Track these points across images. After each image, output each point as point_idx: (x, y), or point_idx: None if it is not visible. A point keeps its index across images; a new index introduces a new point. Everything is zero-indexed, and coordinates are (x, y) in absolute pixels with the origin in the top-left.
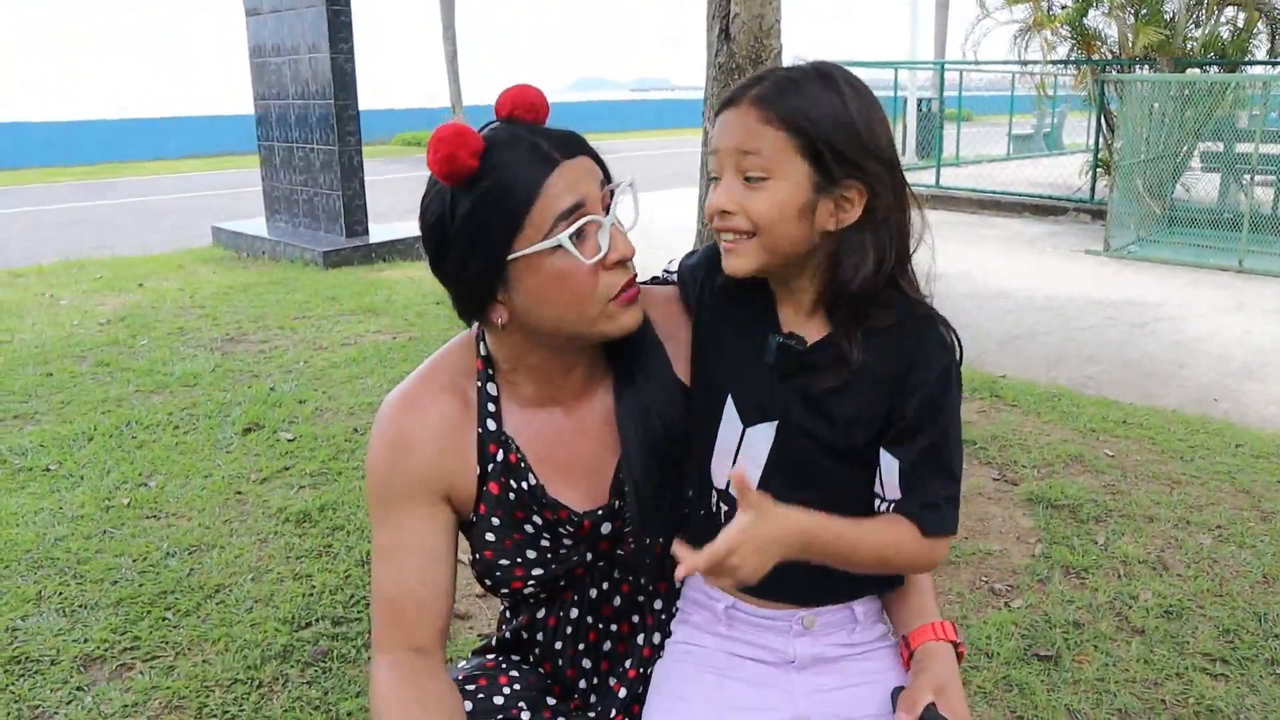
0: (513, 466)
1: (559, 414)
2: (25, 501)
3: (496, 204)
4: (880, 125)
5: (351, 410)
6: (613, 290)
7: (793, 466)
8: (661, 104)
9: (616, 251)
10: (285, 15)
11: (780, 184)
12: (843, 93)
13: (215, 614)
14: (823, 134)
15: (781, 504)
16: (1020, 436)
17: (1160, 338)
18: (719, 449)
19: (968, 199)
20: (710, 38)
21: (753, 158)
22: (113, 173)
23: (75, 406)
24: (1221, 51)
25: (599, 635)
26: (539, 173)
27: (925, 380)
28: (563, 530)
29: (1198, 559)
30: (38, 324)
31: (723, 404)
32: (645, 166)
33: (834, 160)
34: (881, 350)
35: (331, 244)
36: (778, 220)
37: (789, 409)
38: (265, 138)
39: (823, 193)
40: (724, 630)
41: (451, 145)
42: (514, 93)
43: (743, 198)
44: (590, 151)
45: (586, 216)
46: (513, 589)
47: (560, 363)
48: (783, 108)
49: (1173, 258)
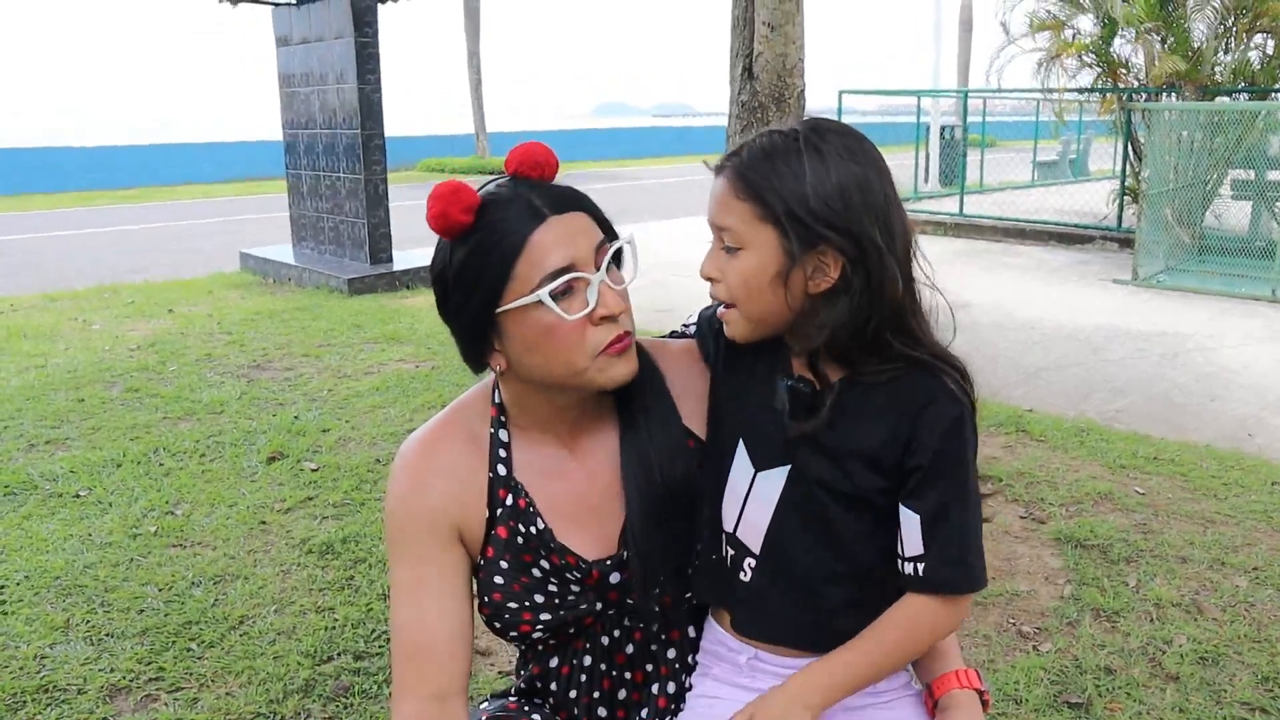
0: (522, 511)
1: (569, 462)
2: (56, 528)
3: (485, 257)
4: (856, 193)
5: (374, 440)
6: (600, 345)
7: (803, 512)
8: (684, 130)
9: (604, 308)
10: (314, 46)
11: (751, 254)
12: (818, 161)
13: (239, 646)
14: (786, 206)
15: (774, 689)
16: (1047, 473)
17: (1191, 370)
18: (729, 493)
19: (992, 227)
20: (733, 75)
21: (728, 230)
22: (147, 197)
23: (105, 432)
24: (1252, 79)
25: (613, 683)
26: (526, 228)
27: (936, 432)
28: (570, 576)
29: (1234, 602)
30: (70, 348)
31: (735, 448)
32: (667, 194)
33: (797, 230)
34: (890, 400)
35: (356, 271)
36: (752, 289)
37: (799, 453)
38: (293, 165)
39: (795, 260)
40: (746, 681)
41: (445, 202)
42: (520, 150)
43: (724, 265)
44: (588, 208)
45: (573, 273)
46: (521, 632)
47: (567, 412)
48: (750, 181)
49: (1203, 287)
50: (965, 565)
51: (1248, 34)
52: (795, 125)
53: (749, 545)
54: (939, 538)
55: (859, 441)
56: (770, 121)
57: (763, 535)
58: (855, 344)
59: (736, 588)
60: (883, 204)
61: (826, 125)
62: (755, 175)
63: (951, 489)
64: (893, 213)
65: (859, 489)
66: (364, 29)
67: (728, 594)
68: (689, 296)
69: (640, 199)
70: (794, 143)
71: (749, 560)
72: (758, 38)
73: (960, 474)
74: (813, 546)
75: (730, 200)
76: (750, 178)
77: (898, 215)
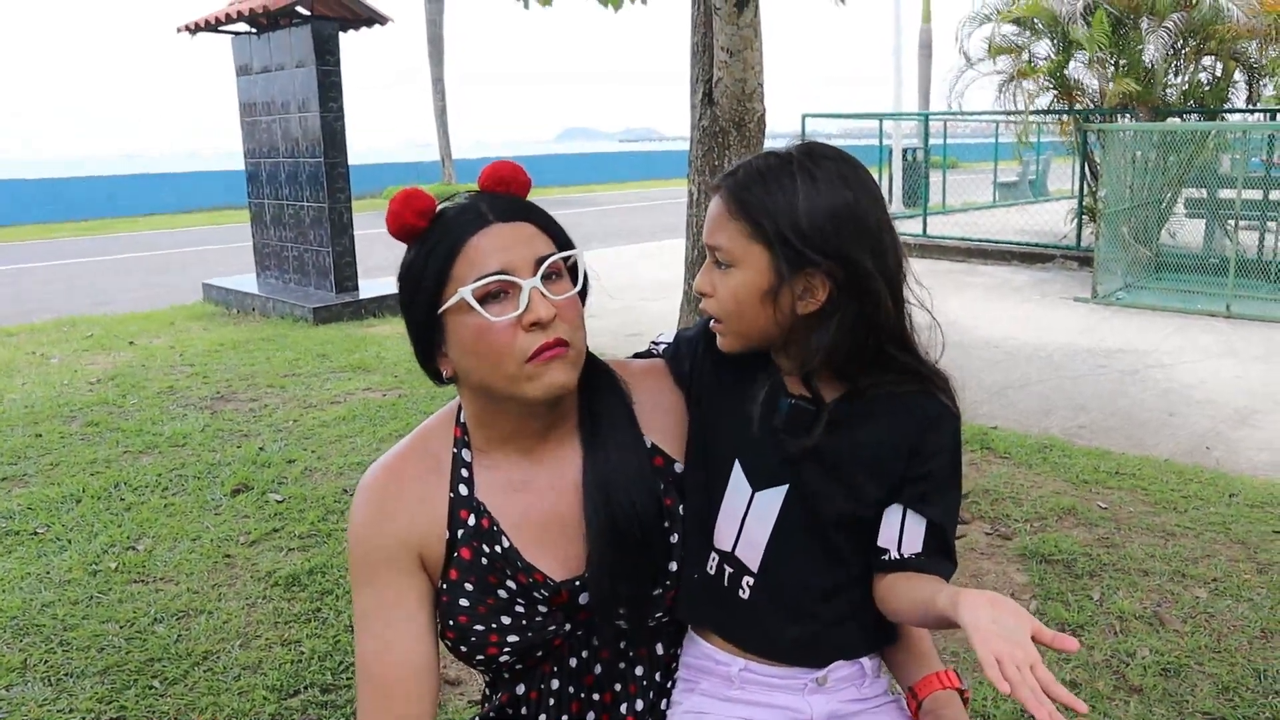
0: (485, 531)
1: (533, 481)
2: (12, 566)
3: (428, 258)
4: (848, 218)
5: (340, 471)
6: (527, 351)
7: (800, 528)
8: (650, 155)
9: (532, 314)
10: (276, 75)
11: (742, 272)
12: (810, 185)
13: (203, 682)
14: (776, 227)
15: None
16: (1012, 489)
17: (1151, 385)
18: (725, 512)
19: (955, 247)
20: (694, 101)
21: (721, 249)
22: (108, 228)
23: (64, 468)
24: (1201, 100)
25: (581, 705)
26: (468, 231)
27: (944, 443)
28: (538, 595)
29: (1194, 614)
30: (28, 383)
31: (729, 469)
32: (632, 218)
33: (787, 251)
34: (892, 411)
35: (321, 300)
36: (742, 305)
37: (800, 472)
38: (256, 194)
39: (783, 279)
40: (737, 694)
41: (399, 205)
42: (490, 168)
43: (716, 282)
44: (537, 219)
45: (503, 276)
46: (488, 655)
47: (527, 426)
48: (743, 201)
49: (1161, 304)
50: (951, 560)
51: (1197, 56)
52: (791, 148)
53: (747, 564)
54: (940, 539)
55: (862, 451)
56: (731, 146)
57: (761, 553)
58: (854, 362)
59: (734, 606)
60: (874, 228)
61: (821, 150)
62: (748, 195)
63: (954, 498)
64: (884, 237)
65: (859, 502)
66: (325, 57)
67: (723, 611)
68: (656, 319)
69: (606, 223)
70: (788, 165)
71: (747, 579)
72: (717, 63)
73: (958, 483)
74: (811, 562)
75: (724, 219)
76: (744, 198)
77: (890, 239)
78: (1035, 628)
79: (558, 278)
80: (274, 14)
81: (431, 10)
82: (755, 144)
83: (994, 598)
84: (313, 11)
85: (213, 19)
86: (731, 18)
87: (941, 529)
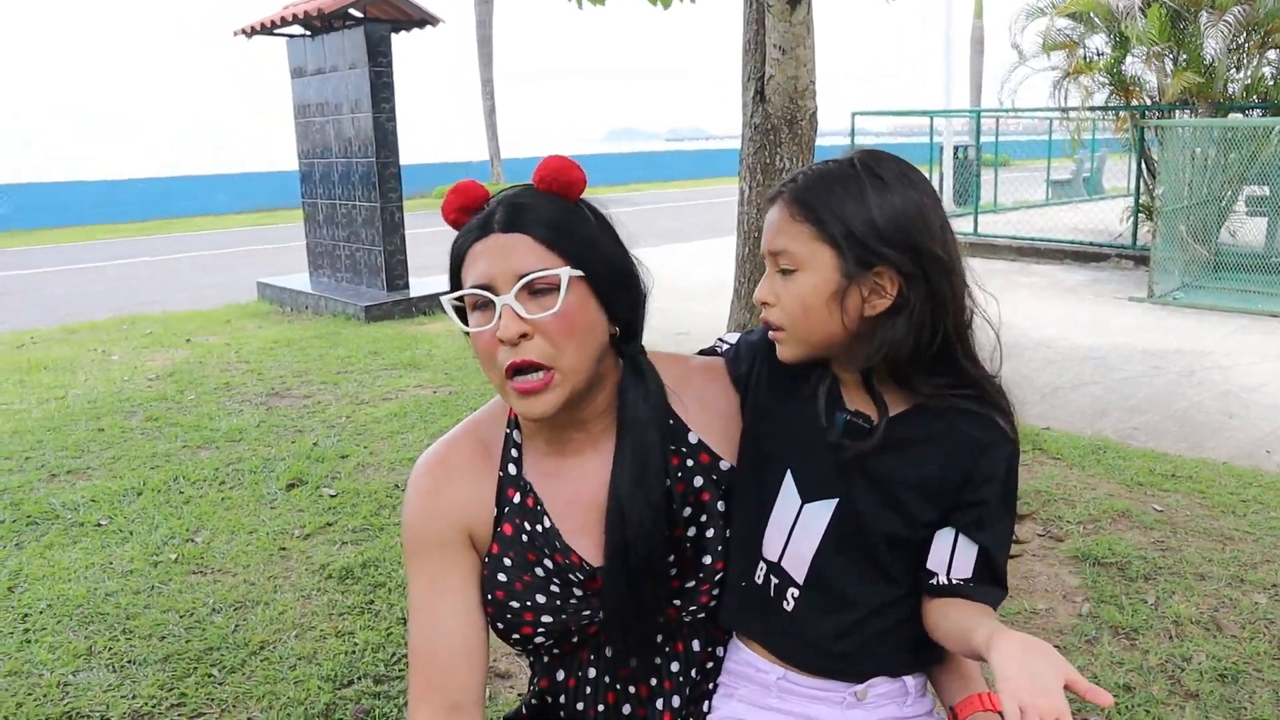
0: (529, 510)
1: (575, 468)
2: (78, 556)
3: (450, 257)
4: (915, 215)
5: (393, 466)
6: (503, 365)
7: (849, 544)
8: (697, 154)
9: (499, 331)
10: (329, 76)
11: (808, 275)
12: (877, 187)
13: (260, 671)
14: (844, 227)
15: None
16: (1065, 491)
17: (1208, 387)
18: (774, 522)
19: (1007, 246)
20: (745, 98)
21: (784, 254)
22: (164, 229)
23: (125, 462)
24: (1265, 94)
25: (617, 697)
26: (471, 238)
27: (999, 471)
28: (573, 578)
29: (1253, 619)
30: (90, 379)
31: (781, 478)
32: (679, 218)
33: (857, 250)
34: (949, 433)
35: (373, 298)
36: (809, 310)
37: (851, 487)
38: (309, 194)
39: (852, 279)
40: (775, 703)
41: (448, 199)
42: (541, 164)
43: (779, 289)
44: (540, 232)
45: (480, 291)
46: (523, 634)
47: (555, 422)
48: (809, 204)
49: (1219, 304)
50: (1002, 587)
51: (1260, 50)
52: (849, 154)
53: (794, 575)
54: (991, 566)
55: (914, 472)
56: (783, 143)
57: (807, 566)
58: (913, 364)
59: (778, 616)
60: (939, 228)
61: (879, 154)
62: (812, 197)
63: (1007, 526)
64: (948, 235)
65: (909, 523)
66: (378, 59)
67: (766, 621)
68: (704, 320)
69: (653, 222)
70: (851, 168)
71: (792, 590)
72: (769, 61)
73: (1013, 509)
74: (857, 577)
75: (786, 223)
76: (807, 200)
77: (952, 239)
78: (1070, 677)
79: (546, 294)
80: (328, 16)
81: (481, 11)
82: (807, 141)
83: (1029, 642)
84: (365, 13)
85: (268, 22)
86: (784, 15)
87: (992, 556)
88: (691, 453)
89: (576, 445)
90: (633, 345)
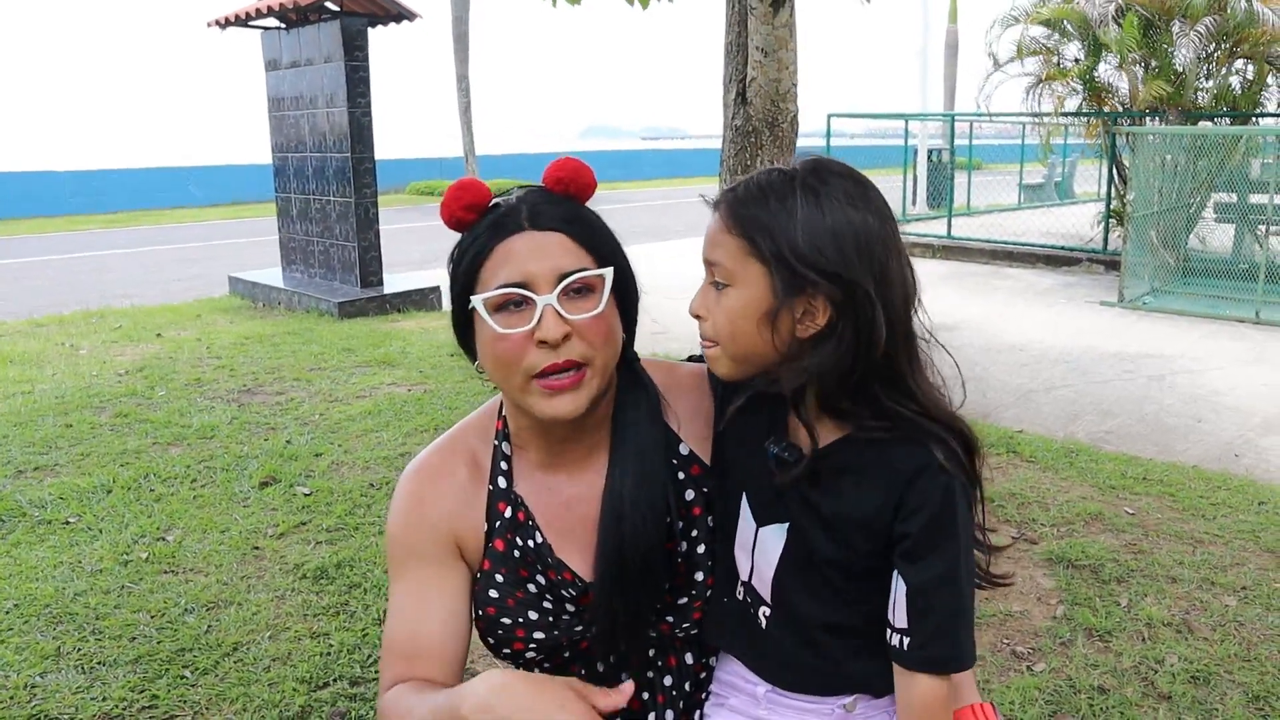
0: (520, 524)
1: (566, 482)
2: (45, 555)
3: (464, 254)
4: (851, 239)
5: (367, 465)
6: (534, 369)
7: (804, 567)
8: (673, 153)
9: (541, 332)
10: (304, 70)
11: (739, 291)
12: (813, 204)
13: (233, 673)
14: (774, 246)
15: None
16: (1038, 494)
17: (1178, 391)
18: (739, 543)
19: (980, 249)
20: (727, 100)
21: (718, 266)
22: (136, 221)
23: (94, 458)
24: (1233, 103)
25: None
26: (497, 236)
27: (925, 503)
28: (565, 594)
29: (1223, 621)
30: (58, 374)
31: (739, 500)
32: (656, 217)
33: (784, 272)
34: (881, 463)
35: (347, 295)
36: (737, 328)
37: (794, 514)
38: (282, 189)
39: (783, 301)
40: (764, 714)
41: (451, 197)
42: (551, 165)
43: (711, 303)
44: (576, 231)
45: (518, 289)
46: (514, 649)
47: (554, 430)
48: (743, 218)
49: (1188, 309)
50: (952, 642)
51: (1229, 60)
52: (796, 165)
53: (762, 595)
54: (925, 613)
55: (850, 506)
56: (764, 146)
57: (770, 587)
58: (843, 393)
59: (755, 633)
60: (880, 253)
61: (829, 167)
62: (747, 212)
63: (938, 564)
64: (891, 262)
65: (853, 554)
66: (354, 53)
67: (746, 639)
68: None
69: (629, 220)
70: (790, 182)
71: (764, 609)
72: (751, 63)
73: (950, 548)
74: (816, 601)
75: (721, 235)
76: (742, 214)
77: (897, 265)
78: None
79: (584, 294)
80: (303, 9)
81: (458, 6)
82: (788, 144)
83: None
84: (342, 7)
85: (243, 14)
86: (767, 17)
87: (925, 599)
88: (683, 465)
89: (569, 458)
90: (630, 352)
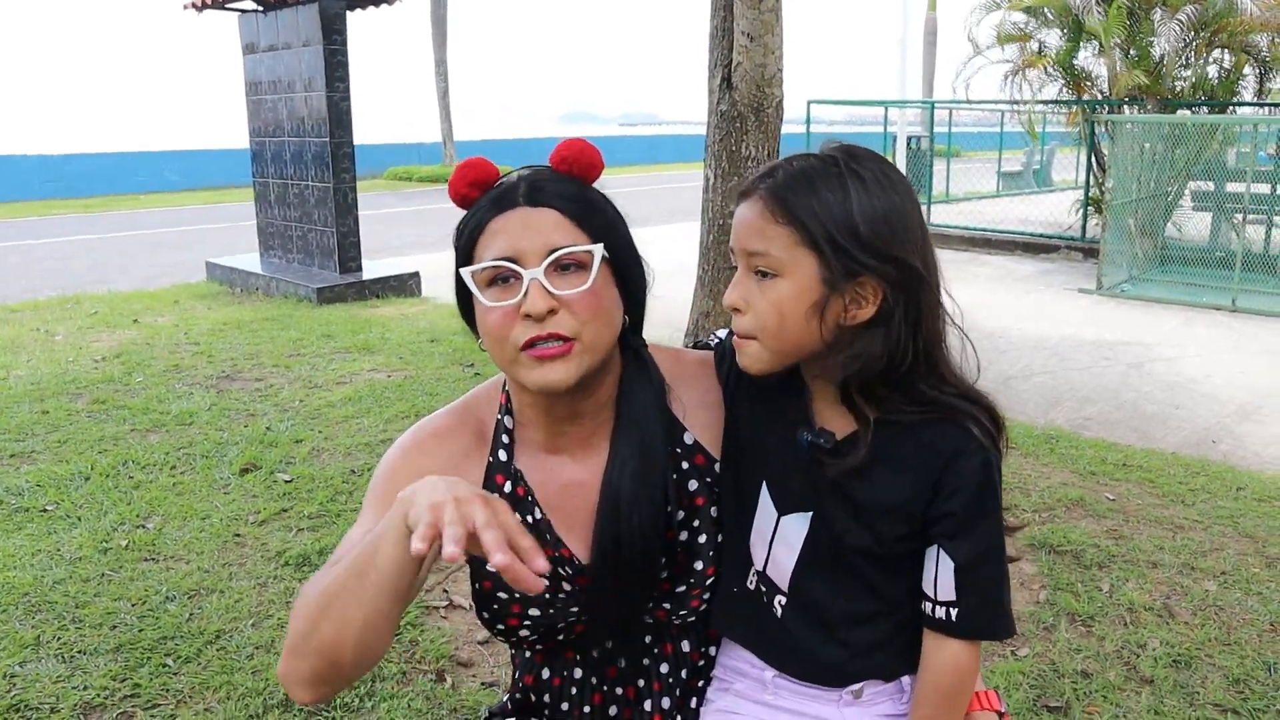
0: (519, 499)
1: (568, 462)
2: (23, 543)
3: (462, 229)
4: (899, 221)
5: (348, 451)
6: (519, 341)
7: (827, 557)
8: (651, 139)
9: (526, 305)
10: (282, 53)
11: (788, 281)
12: (860, 187)
13: (216, 661)
14: (828, 232)
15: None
16: (1020, 479)
17: (1156, 378)
18: (756, 531)
19: (959, 236)
20: (712, 85)
21: (762, 256)
22: (109, 206)
23: (71, 445)
24: (1210, 93)
25: (604, 698)
26: (492, 212)
27: (968, 481)
28: (562, 572)
29: (1204, 606)
30: (33, 360)
31: (759, 489)
32: (634, 203)
33: (841, 258)
34: (919, 447)
35: (325, 280)
36: (785, 319)
37: (822, 501)
38: (260, 174)
39: (834, 289)
40: (769, 699)
41: (458, 174)
42: (558, 146)
43: (754, 294)
44: (569, 208)
45: (506, 263)
46: (509, 625)
47: (553, 407)
48: (790, 204)
49: (1166, 296)
50: (1000, 612)
51: (1208, 49)
52: (828, 149)
53: (779, 584)
54: (974, 585)
55: (885, 493)
56: (749, 131)
57: (789, 577)
58: (883, 380)
59: (769, 623)
60: (919, 234)
61: (861, 152)
62: (795, 199)
63: (985, 537)
64: (928, 242)
65: (882, 540)
66: (333, 36)
67: (757, 628)
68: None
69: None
70: (833, 167)
71: (779, 598)
72: (736, 48)
73: (992, 522)
74: (838, 590)
75: (766, 224)
76: (790, 201)
77: (930, 245)
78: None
79: (575, 270)
80: None
81: None
82: (773, 129)
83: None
84: None
85: None
86: (754, 3)
87: (972, 574)
88: (687, 454)
89: (571, 439)
90: (636, 338)
